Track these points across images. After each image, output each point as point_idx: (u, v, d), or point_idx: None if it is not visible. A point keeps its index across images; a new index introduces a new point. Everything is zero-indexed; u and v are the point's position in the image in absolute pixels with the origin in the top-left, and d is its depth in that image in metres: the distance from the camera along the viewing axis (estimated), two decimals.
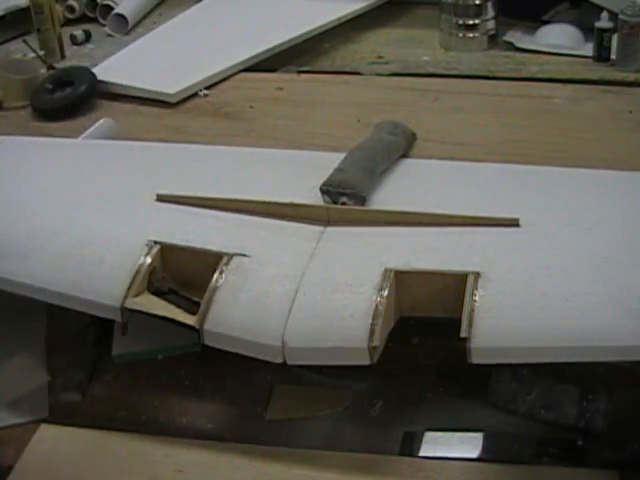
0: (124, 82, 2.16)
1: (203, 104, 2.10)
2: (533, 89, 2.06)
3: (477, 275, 1.19)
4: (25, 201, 1.48)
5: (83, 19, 2.70)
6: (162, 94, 2.10)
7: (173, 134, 1.95)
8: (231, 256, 1.28)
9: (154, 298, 1.27)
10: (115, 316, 1.26)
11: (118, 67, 2.26)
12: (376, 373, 1.28)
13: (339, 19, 2.40)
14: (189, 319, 1.22)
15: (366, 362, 1.15)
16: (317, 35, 2.36)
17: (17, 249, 1.35)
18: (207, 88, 2.15)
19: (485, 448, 1.22)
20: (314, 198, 1.44)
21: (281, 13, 2.47)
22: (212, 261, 1.27)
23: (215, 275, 1.25)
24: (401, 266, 1.23)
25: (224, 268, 1.26)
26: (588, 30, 2.23)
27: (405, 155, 1.67)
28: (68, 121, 2.05)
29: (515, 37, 2.34)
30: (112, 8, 2.64)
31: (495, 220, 1.32)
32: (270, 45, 2.27)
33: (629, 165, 1.64)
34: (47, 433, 1.30)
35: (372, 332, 1.15)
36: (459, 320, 1.14)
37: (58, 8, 2.54)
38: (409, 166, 1.62)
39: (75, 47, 2.52)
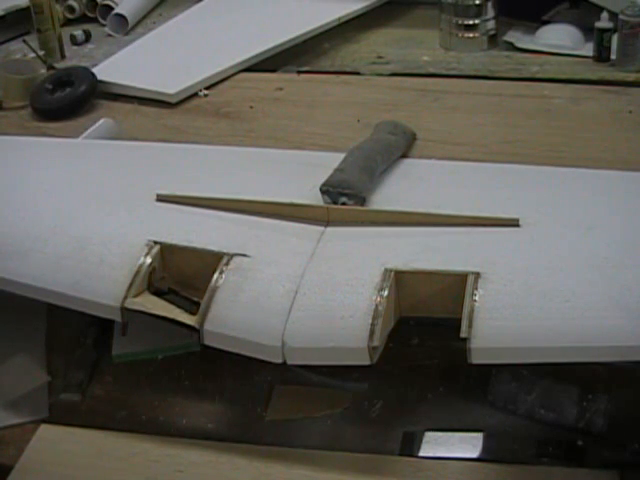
0: (124, 82, 2.16)
1: (203, 104, 2.10)
2: (533, 89, 2.05)
3: (477, 275, 1.19)
4: (25, 201, 1.48)
5: (83, 19, 2.70)
6: (162, 94, 2.10)
7: (173, 134, 1.95)
8: (231, 256, 1.28)
9: (154, 298, 1.27)
10: (115, 316, 1.26)
11: (118, 67, 2.26)
12: (376, 373, 1.28)
13: (339, 19, 2.40)
14: (189, 319, 1.22)
15: (366, 362, 1.15)
16: (317, 35, 2.36)
17: (17, 249, 1.35)
18: (207, 88, 2.15)
19: (485, 448, 1.23)
20: (314, 198, 1.44)
21: (281, 13, 2.47)
22: (212, 261, 1.27)
23: (215, 275, 1.25)
24: (401, 266, 1.23)
25: (224, 268, 1.26)
26: (588, 30, 2.23)
27: (405, 155, 1.67)
28: (68, 121, 2.05)
29: (515, 37, 2.34)
30: (112, 8, 2.64)
31: (495, 220, 1.32)
32: (270, 45, 2.27)
33: (629, 165, 1.63)
34: (47, 433, 1.30)
35: (372, 332, 1.15)
36: (459, 320, 1.14)
37: (58, 8, 2.54)
38: (409, 166, 1.62)
39: (75, 47, 2.52)
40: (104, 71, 2.20)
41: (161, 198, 1.45)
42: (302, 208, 1.39)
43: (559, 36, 2.27)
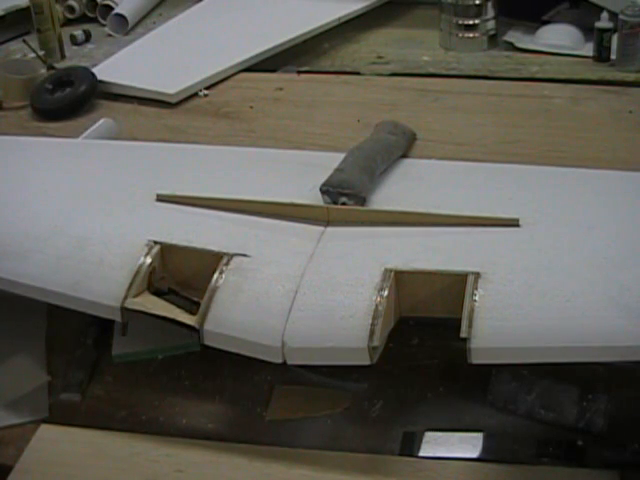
0: (124, 82, 2.16)
1: (203, 104, 2.10)
2: (533, 89, 2.05)
3: (477, 275, 1.19)
4: (25, 201, 1.48)
5: (83, 19, 2.70)
6: (162, 94, 2.10)
7: (173, 134, 1.95)
8: (231, 256, 1.28)
9: (154, 298, 1.27)
10: (115, 316, 1.26)
11: (118, 67, 2.26)
12: (376, 373, 1.28)
13: (339, 19, 2.40)
14: (189, 319, 1.22)
15: (366, 362, 1.15)
16: (317, 35, 2.36)
17: (17, 249, 1.35)
18: (207, 88, 2.15)
19: (485, 448, 1.22)
20: (314, 198, 1.44)
21: (281, 13, 2.47)
22: (212, 261, 1.27)
23: (215, 275, 1.25)
24: (401, 266, 1.23)
25: (224, 268, 1.26)
26: (588, 30, 2.23)
27: (405, 155, 1.67)
28: (68, 121, 2.05)
29: (515, 37, 2.34)
30: (112, 8, 2.64)
31: (495, 220, 1.32)
32: (270, 45, 2.27)
33: (629, 165, 1.64)
34: (47, 433, 1.30)
35: (372, 332, 1.15)
36: (459, 320, 1.14)
37: (58, 8, 2.54)
38: (409, 166, 1.62)
39: (75, 47, 2.52)
40: (104, 71, 2.20)
41: (161, 198, 1.45)
42: (302, 208, 1.39)
43: (559, 36, 2.28)
